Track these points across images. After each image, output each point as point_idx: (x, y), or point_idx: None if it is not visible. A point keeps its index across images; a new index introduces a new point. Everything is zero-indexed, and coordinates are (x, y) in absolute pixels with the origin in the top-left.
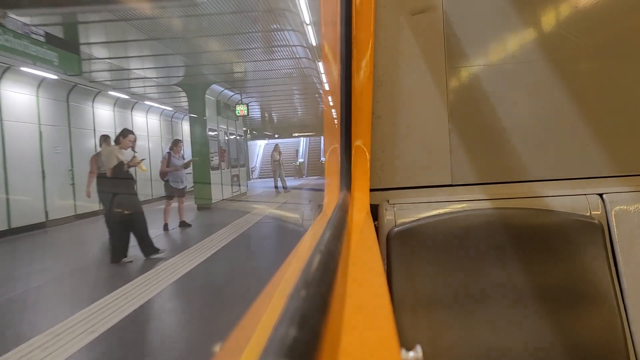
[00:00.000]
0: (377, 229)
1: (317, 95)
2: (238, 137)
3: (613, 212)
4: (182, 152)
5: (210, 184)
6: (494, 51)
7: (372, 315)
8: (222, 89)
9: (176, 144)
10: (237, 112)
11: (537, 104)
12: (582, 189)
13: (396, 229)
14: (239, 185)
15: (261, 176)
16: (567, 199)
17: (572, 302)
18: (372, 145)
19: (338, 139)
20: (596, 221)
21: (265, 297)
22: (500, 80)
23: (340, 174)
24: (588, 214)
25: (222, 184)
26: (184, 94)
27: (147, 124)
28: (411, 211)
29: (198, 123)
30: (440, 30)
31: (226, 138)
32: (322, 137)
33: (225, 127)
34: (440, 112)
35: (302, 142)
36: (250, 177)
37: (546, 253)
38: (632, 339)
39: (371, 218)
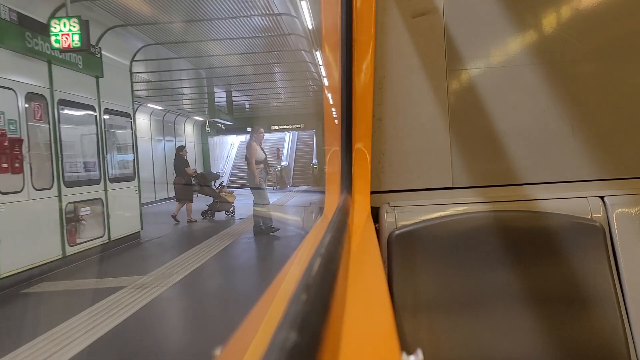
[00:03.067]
0: (378, 231)
1: (307, 74)
2: (108, 117)
3: (614, 215)
4: None
5: None
6: (495, 54)
7: (373, 318)
8: None
9: None
10: (54, 37)
11: (538, 106)
12: (583, 192)
13: (397, 231)
14: (105, 224)
15: (231, 185)
16: (568, 202)
17: (573, 305)
18: (373, 147)
19: (339, 141)
20: (597, 224)
21: (265, 301)
22: (501, 82)
23: (341, 177)
24: (589, 216)
25: None
26: None
27: None
28: (412, 214)
29: None
30: (441, 33)
31: (23, 105)
32: (315, 133)
33: (31, 83)
34: (441, 114)
35: (288, 139)
36: (215, 186)
37: (547, 256)
38: (633, 342)
39: (372, 221)
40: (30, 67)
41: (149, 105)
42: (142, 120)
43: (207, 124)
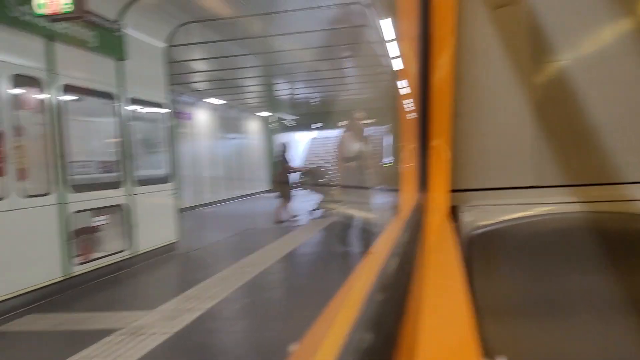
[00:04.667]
0: (457, 231)
1: (375, 59)
2: (133, 108)
3: None
4: None
5: None
6: (585, 44)
7: (451, 321)
8: None
9: None
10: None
11: (633, 99)
12: None
13: (477, 231)
14: (129, 235)
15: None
16: None
17: None
18: (452, 144)
19: (414, 138)
20: None
21: (339, 300)
22: (591, 74)
23: (417, 175)
24: None
25: None
26: None
27: None
28: (493, 213)
29: None
30: (525, 24)
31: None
32: (386, 129)
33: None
34: (525, 109)
35: None
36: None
37: None
38: None
39: (450, 220)
40: (26, 45)
41: (206, 100)
42: (200, 117)
43: (274, 120)
